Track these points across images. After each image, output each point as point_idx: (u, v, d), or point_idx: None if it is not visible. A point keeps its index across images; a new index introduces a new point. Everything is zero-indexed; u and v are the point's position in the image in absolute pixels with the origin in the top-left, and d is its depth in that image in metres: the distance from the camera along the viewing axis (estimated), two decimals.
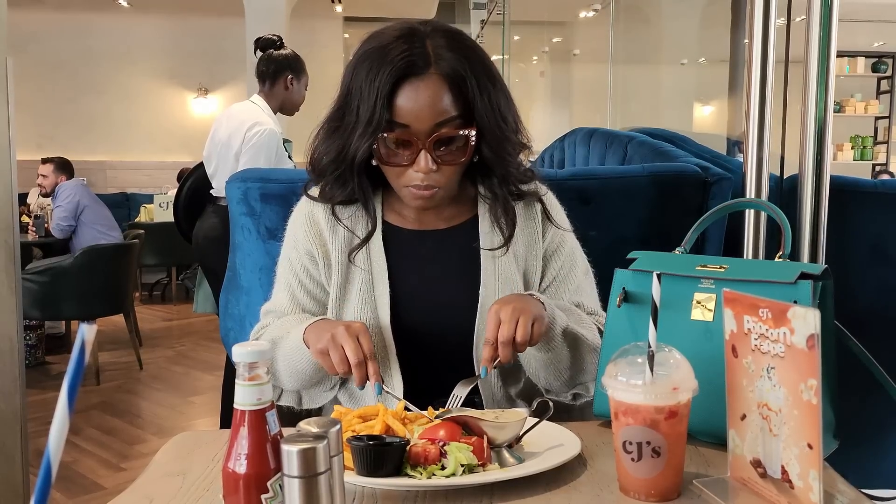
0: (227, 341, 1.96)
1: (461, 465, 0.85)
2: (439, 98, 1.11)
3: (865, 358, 0.97)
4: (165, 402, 4.20)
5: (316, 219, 1.27)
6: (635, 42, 7.23)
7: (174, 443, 1.06)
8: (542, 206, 1.28)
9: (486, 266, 1.23)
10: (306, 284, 1.28)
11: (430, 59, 1.11)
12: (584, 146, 2.44)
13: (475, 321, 1.20)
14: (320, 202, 1.26)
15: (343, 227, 1.25)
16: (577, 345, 1.18)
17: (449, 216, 1.27)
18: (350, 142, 1.14)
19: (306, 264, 1.27)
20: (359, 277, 1.23)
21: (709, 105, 7.41)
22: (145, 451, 3.39)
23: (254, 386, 0.68)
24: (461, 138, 1.13)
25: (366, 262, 1.24)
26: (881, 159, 8.83)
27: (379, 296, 1.22)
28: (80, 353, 0.40)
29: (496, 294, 1.21)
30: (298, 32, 8.35)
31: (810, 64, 1.56)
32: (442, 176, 1.14)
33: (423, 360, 1.21)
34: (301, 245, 1.27)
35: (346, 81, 1.16)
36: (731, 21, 6.01)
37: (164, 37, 9.05)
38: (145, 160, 9.08)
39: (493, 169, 1.20)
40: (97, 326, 0.44)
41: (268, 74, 3.11)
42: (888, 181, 1.73)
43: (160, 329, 6.20)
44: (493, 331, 1.06)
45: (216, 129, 3.10)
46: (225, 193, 1.85)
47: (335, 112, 1.18)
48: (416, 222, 1.27)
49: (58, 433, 0.40)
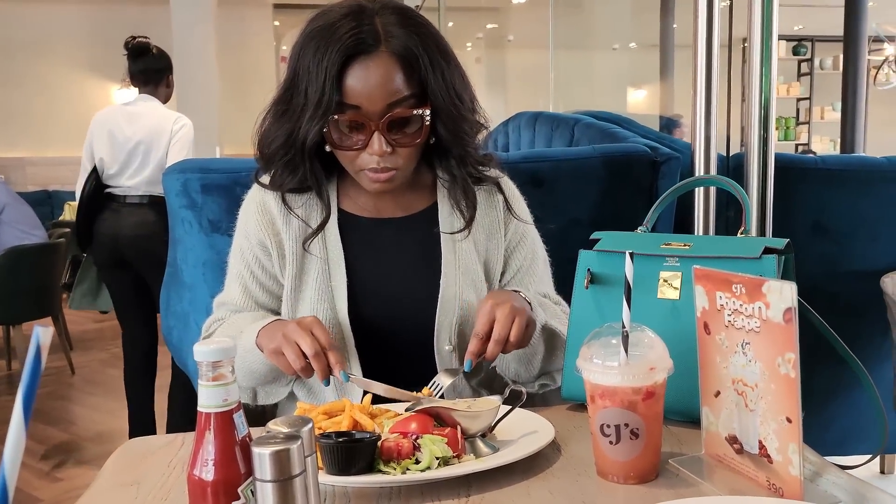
0: (169, 340, 1.87)
1: (436, 458, 0.82)
2: (391, 77, 1.06)
3: (826, 331, 0.98)
4: (102, 406, 4.03)
5: (268, 207, 1.21)
6: (570, 27, 7.30)
7: (123, 450, 1.00)
8: (503, 197, 1.24)
9: (446, 256, 1.20)
10: (259, 276, 1.22)
11: (379, 37, 1.06)
12: (528, 130, 2.43)
13: (436, 312, 1.17)
14: (272, 190, 1.20)
15: (296, 217, 1.20)
16: (553, 339, 1.16)
17: (407, 204, 1.23)
18: (299, 125, 1.09)
19: (258, 255, 1.21)
20: (314, 268, 1.19)
21: (641, 88, 7.55)
22: (83, 460, 3.25)
23: (219, 386, 0.64)
24: (415, 118, 1.09)
25: (321, 251, 1.19)
26: (803, 139, 9.19)
27: (336, 287, 1.18)
28: (35, 358, 0.36)
29: (457, 284, 1.18)
30: (227, 21, 8.12)
31: (753, 45, 1.58)
32: (398, 158, 1.10)
33: (384, 352, 1.18)
34: (253, 235, 1.21)
35: (292, 62, 1.10)
36: (661, 7, 6.13)
37: (84, 26, 8.65)
38: (68, 155, 8.63)
39: (450, 150, 1.16)
40: (52, 329, 0.39)
41: (156, 74, 3.23)
42: (828, 157, 1.77)
43: (91, 331, 5.96)
44: (486, 325, 1.02)
45: (117, 129, 3.14)
46: (162, 186, 1.76)
47: (282, 94, 1.12)
48: (374, 210, 1.22)
49: (14, 447, 0.35)
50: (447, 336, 1.17)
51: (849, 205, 1.76)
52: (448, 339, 1.17)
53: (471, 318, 1.18)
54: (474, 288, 1.19)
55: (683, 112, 5.66)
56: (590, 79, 7.54)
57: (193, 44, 7.53)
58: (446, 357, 1.18)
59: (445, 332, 1.17)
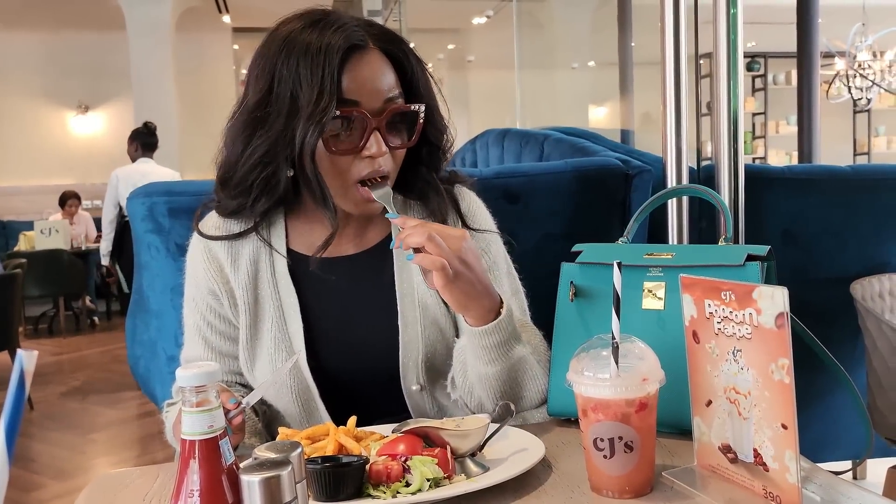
0: (136, 371, 1.81)
1: (427, 480, 0.80)
2: (385, 73, 1.05)
3: (810, 339, 0.98)
4: (62, 442, 3.90)
5: (214, 253, 1.14)
6: (533, 47, 7.39)
7: (95, 486, 0.95)
8: (460, 218, 1.17)
9: (402, 292, 1.12)
10: (216, 325, 1.15)
11: (365, 36, 1.04)
12: (497, 147, 2.43)
13: (398, 358, 1.11)
14: (216, 239, 1.13)
15: (245, 261, 1.13)
16: (522, 370, 1.06)
17: (361, 239, 1.15)
18: (289, 130, 1.01)
19: (211, 303, 1.15)
20: (269, 315, 1.12)
21: (602, 105, 7.67)
22: (44, 498, 3.13)
23: (203, 412, 0.61)
24: (412, 115, 1.06)
25: (274, 297, 1.12)
26: (760, 153, 9.41)
27: (293, 334, 1.11)
28: (18, 385, 0.33)
29: (418, 322, 1.11)
30: (185, 46, 8.05)
31: (720, 59, 1.60)
32: (392, 161, 1.06)
33: (350, 397, 1.12)
34: (202, 283, 1.15)
35: (265, 72, 1.03)
36: (619, 26, 6.24)
37: (37, 53, 8.47)
38: (23, 184, 8.45)
39: (429, 153, 1.13)
40: (36, 353, 0.36)
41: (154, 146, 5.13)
42: (794, 166, 1.80)
43: (50, 364, 5.78)
44: None
45: (138, 180, 3.85)
46: (126, 211, 1.72)
47: (255, 104, 1.04)
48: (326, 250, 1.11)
49: None
50: (414, 376, 1.12)
51: (817, 213, 1.78)
52: (415, 378, 1.12)
53: (437, 353, 1.12)
54: (436, 323, 1.13)
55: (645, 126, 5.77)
56: (553, 97, 7.64)
57: (151, 69, 7.44)
58: (416, 396, 1.13)
59: (412, 373, 1.11)
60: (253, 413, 1.12)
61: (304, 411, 1.12)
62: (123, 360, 3.91)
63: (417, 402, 1.13)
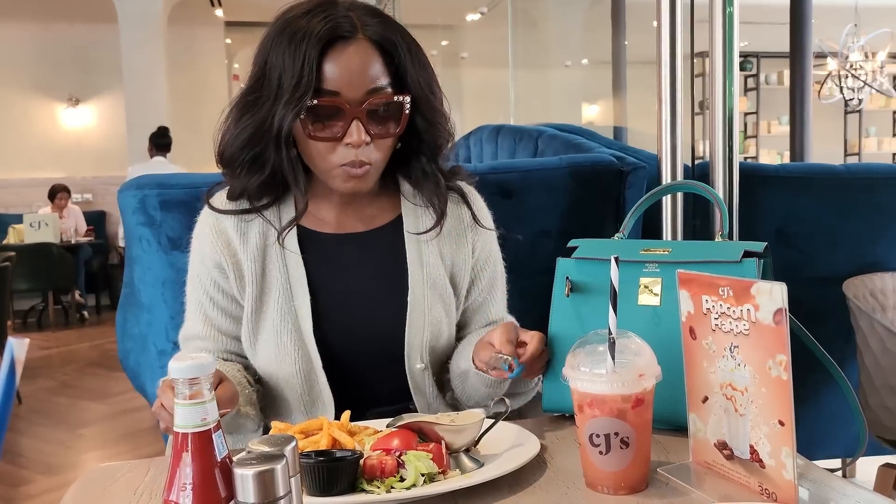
0: (126, 365, 1.80)
1: (421, 475, 0.79)
2: (370, 63, 1.05)
3: (804, 335, 0.98)
4: (51, 437, 3.87)
5: (223, 227, 1.15)
6: (527, 45, 7.39)
7: (85, 480, 0.94)
8: (469, 208, 1.20)
9: (413, 270, 1.15)
10: (219, 301, 1.16)
11: (356, 25, 1.05)
12: (491, 143, 2.42)
13: (405, 330, 1.13)
14: (228, 207, 1.15)
15: (255, 234, 1.15)
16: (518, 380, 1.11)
17: (369, 218, 1.19)
18: (272, 113, 1.04)
19: (216, 278, 1.15)
20: (275, 287, 1.13)
21: (595, 103, 7.68)
22: (33, 493, 3.10)
23: (196, 405, 0.60)
24: (395, 106, 1.07)
25: (282, 270, 1.14)
26: (752, 152, 9.44)
27: (299, 306, 1.13)
28: (9, 374, 0.32)
29: (425, 299, 1.14)
30: (178, 39, 7.99)
31: (715, 57, 1.61)
32: (375, 151, 1.07)
33: (353, 373, 1.13)
34: (209, 258, 1.16)
35: (261, 56, 1.07)
36: (612, 25, 6.25)
37: (28, 45, 8.39)
38: (12, 177, 8.37)
39: (422, 146, 1.13)
40: (27, 341, 0.35)
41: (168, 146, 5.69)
42: (789, 165, 1.80)
43: (38, 359, 5.74)
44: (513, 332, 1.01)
45: None
46: (118, 204, 1.70)
47: (249, 87, 1.08)
48: (335, 225, 1.17)
49: None
50: (418, 354, 1.14)
51: (810, 212, 1.78)
52: (419, 357, 1.14)
53: (441, 334, 1.15)
54: (443, 303, 1.16)
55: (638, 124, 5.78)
56: (546, 94, 7.63)
57: (143, 63, 7.38)
58: (418, 376, 1.14)
59: (416, 351, 1.13)
60: (247, 383, 1.12)
61: (306, 383, 1.12)
62: (113, 354, 3.89)
63: (419, 382, 1.14)
